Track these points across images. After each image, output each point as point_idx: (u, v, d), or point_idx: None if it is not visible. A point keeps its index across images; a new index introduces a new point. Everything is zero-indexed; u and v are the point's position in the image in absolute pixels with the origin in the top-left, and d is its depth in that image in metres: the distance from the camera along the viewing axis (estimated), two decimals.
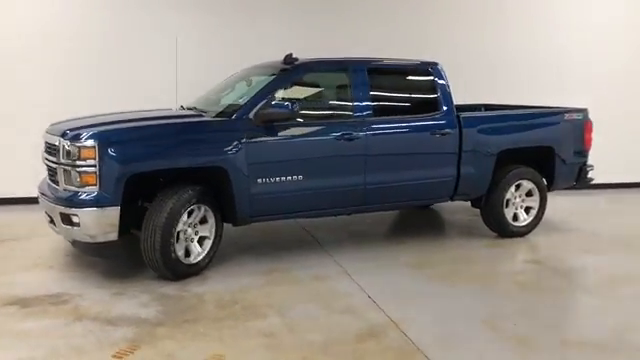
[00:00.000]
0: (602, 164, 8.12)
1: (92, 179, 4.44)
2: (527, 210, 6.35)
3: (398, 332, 3.86)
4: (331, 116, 5.61)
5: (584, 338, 3.84)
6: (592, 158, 7.93)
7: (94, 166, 4.43)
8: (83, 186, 4.46)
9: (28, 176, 5.73)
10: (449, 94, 5.84)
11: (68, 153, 4.51)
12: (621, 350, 3.69)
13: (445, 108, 5.79)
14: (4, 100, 6.68)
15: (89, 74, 6.85)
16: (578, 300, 4.61)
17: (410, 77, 6.03)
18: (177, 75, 6.20)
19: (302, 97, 5.38)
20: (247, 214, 5.03)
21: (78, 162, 4.46)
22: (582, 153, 6.55)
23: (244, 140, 4.87)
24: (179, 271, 4.73)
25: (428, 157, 5.74)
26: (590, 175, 6.76)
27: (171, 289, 4.58)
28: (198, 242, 4.95)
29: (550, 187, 6.48)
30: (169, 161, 4.66)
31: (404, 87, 6.02)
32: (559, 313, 4.31)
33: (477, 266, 5.33)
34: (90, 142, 4.43)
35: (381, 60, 5.91)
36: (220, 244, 5.12)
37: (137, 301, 4.33)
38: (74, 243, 4.88)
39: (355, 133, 5.30)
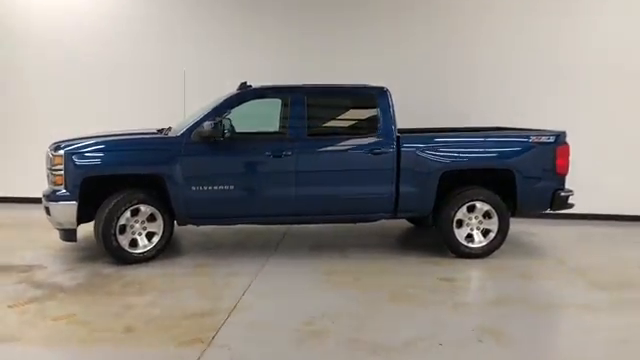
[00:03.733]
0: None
1: (61, 180, 5.85)
2: (487, 232, 6.39)
3: (223, 316, 4.57)
4: (265, 135, 6.39)
5: (371, 339, 4.15)
6: (611, 187, 7.62)
7: (62, 170, 5.83)
8: (56, 185, 5.89)
9: None
10: (390, 117, 6.25)
11: (50, 160, 5.99)
12: (383, 351, 3.96)
13: (384, 130, 6.21)
14: (65, 118, 8.67)
15: (113, 98, 8.78)
16: (424, 312, 4.68)
17: (352, 101, 6.55)
18: (185, 100, 7.46)
19: (241, 119, 6.23)
20: (185, 215, 6.06)
21: (53, 167, 5.91)
22: (554, 178, 6.40)
23: (181, 154, 5.92)
24: (123, 258, 5.91)
25: (362, 174, 6.19)
26: (570, 201, 6.53)
27: (109, 270, 5.77)
28: (147, 236, 6.07)
29: (515, 211, 6.44)
30: (114, 169, 5.90)
31: (344, 110, 6.55)
32: (384, 319, 4.56)
33: (385, 278, 5.66)
34: (60, 152, 5.86)
35: (324, 86, 6.56)
36: (170, 240, 6.19)
37: (74, 275, 5.61)
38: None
39: (285, 151, 6.03)
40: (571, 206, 6.56)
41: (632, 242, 7.35)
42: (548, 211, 6.64)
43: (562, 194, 6.41)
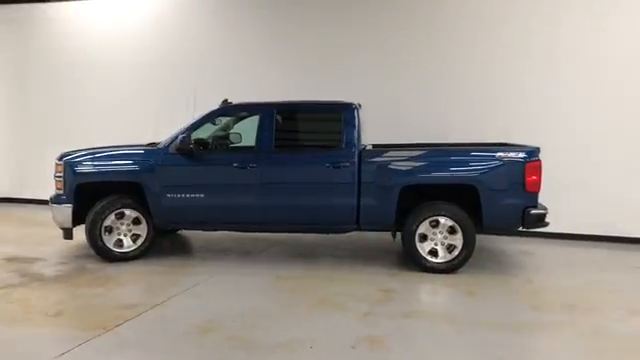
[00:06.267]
0: None
1: (61, 186, 6.78)
2: (452, 248, 6.38)
3: (142, 309, 5.07)
4: (234, 149, 6.86)
5: (250, 338, 4.46)
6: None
7: (62, 177, 6.75)
8: (57, 190, 6.83)
9: None
10: (354, 132, 6.47)
11: (55, 168, 6.94)
12: (250, 348, 4.25)
13: (347, 144, 6.46)
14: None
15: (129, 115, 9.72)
16: (331, 317, 4.82)
17: (319, 116, 6.83)
18: (194, 115, 8.18)
19: (214, 133, 6.80)
20: (163, 220, 6.71)
21: (56, 174, 6.85)
22: (523, 195, 6.25)
23: (158, 164, 6.60)
24: (108, 256, 6.67)
25: (324, 187, 6.45)
26: (546, 220, 6.36)
27: (94, 266, 6.54)
28: (133, 238, 6.80)
29: (482, 228, 6.38)
30: (101, 177, 6.69)
31: (311, 125, 6.86)
32: (285, 321, 4.82)
33: (328, 284, 5.87)
34: (61, 161, 6.79)
35: (294, 102, 6.91)
36: (153, 242, 6.88)
37: (61, 268, 6.44)
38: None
39: (250, 163, 6.50)
40: (546, 225, 6.35)
41: (627, 266, 6.86)
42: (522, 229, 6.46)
43: (533, 212, 6.22)
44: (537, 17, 8.16)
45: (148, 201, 6.58)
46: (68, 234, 6.83)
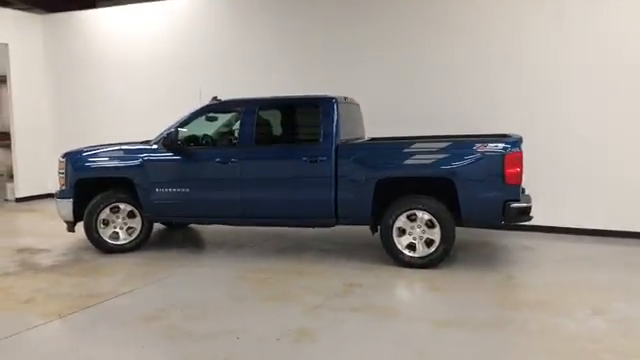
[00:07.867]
0: None
1: (63, 181, 7.23)
2: (431, 242, 6.26)
3: (106, 298, 5.35)
4: (217, 144, 7.04)
5: (188, 327, 4.60)
6: None
7: (64, 173, 7.21)
8: (61, 185, 7.30)
9: None
10: (332, 126, 6.46)
11: (59, 165, 7.41)
12: (181, 337, 4.40)
13: (324, 138, 6.46)
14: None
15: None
16: (276, 310, 4.89)
17: (299, 111, 6.88)
18: None
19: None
20: (153, 213, 7.01)
21: (60, 171, 7.32)
22: (503, 188, 6.02)
23: (147, 160, 6.90)
24: (104, 247, 7.05)
25: (302, 181, 6.48)
26: (530, 214, 6.12)
27: (89, 257, 6.93)
28: (128, 230, 7.15)
29: (461, 222, 6.23)
30: (96, 173, 7.08)
31: (292, 120, 6.90)
32: (231, 312, 4.94)
33: (294, 278, 5.91)
34: (64, 159, 7.24)
35: (275, 98, 6.99)
36: (148, 234, 7.21)
37: (59, 259, 6.87)
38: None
39: (231, 158, 6.66)
40: (529, 219, 6.10)
41: (624, 263, 6.44)
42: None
43: (514, 205, 5.98)
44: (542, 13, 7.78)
45: (139, 195, 6.87)
46: (71, 227, 7.27)
